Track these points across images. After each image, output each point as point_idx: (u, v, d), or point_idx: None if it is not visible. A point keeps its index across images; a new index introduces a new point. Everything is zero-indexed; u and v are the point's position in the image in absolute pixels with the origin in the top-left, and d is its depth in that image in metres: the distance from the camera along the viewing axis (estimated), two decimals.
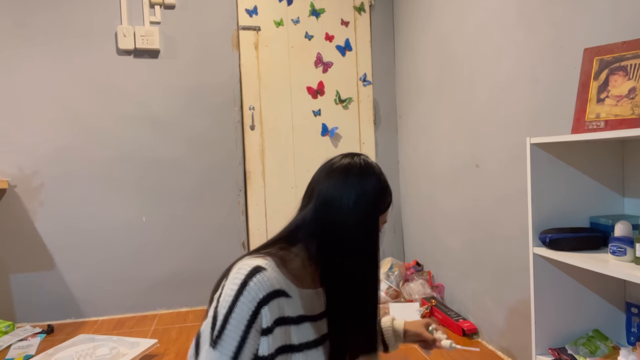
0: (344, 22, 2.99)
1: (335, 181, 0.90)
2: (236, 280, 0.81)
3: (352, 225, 0.89)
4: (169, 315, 2.65)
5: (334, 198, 0.89)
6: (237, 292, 0.80)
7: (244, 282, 0.81)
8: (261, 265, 0.83)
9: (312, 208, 0.91)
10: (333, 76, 2.98)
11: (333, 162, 0.95)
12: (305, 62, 2.94)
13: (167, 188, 2.74)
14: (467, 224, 2.27)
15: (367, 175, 0.92)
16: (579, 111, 1.28)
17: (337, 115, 3.00)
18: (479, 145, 2.12)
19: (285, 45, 2.89)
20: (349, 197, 0.89)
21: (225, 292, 0.81)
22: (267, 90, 2.86)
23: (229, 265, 0.89)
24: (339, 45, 2.99)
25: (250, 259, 0.86)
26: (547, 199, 1.35)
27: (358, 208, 0.89)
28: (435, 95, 2.54)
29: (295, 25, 2.90)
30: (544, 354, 1.36)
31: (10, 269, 2.54)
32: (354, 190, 0.89)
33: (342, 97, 3.00)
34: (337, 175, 0.91)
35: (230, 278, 0.83)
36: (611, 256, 1.17)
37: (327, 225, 0.89)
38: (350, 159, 0.95)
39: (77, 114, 2.60)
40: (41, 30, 2.55)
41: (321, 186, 0.92)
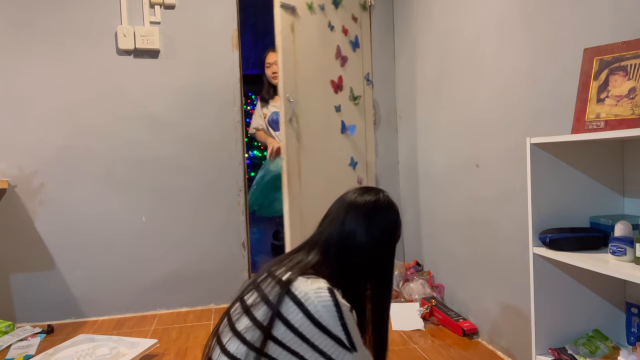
0: (354, 17, 2.85)
1: (362, 217, 1.02)
2: (327, 303, 0.89)
3: (374, 257, 1.02)
4: (169, 315, 2.65)
5: (360, 233, 1.01)
6: (339, 312, 0.89)
7: (335, 301, 0.90)
8: (329, 285, 0.93)
9: (338, 236, 1.02)
10: (348, 72, 2.80)
11: (356, 197, 1.05)
12: (329, 53, 2.69)
13: (167, 188, 2.73)
14: (467, 224, 2.27)
15: (390, 213, 1.06)
16: (579, 111, 1.28)
17: (351, 113, 2.83)
18: (479, 145, 2.12)
19: (316, 32, 2.60)
20: (374, 232, 1.01)
21: (325, 318, 0.89)
22: (302, 80, 2.52)
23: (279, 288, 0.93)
24: (352, 41, 2.83)
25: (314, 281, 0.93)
26: (547, 199, 1.35)
27: (381, 242, 1.02)
28: (435, 95, 2.54)
29: (322, 12, 2.66)
30: (544, 354, 1.36)
31: (10, 269, 2.54)
32: (378, 227, 1.02)
33: (355, 94, 2.84)
34: (363, 212, 1.02)
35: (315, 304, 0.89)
36: (611, 256, 1.17)
37: (351, 257, 1.01)
38: (375, 196, 1.06)
39: (77, 114, 2.60)
40: (41, 30, 2.55)
41: (347, 221, 1.02)
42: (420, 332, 2.25)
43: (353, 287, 1.01)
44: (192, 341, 2.25)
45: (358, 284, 1.02)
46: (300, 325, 0.88)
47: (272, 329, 0.89)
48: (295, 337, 0.89)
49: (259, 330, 0.90)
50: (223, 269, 2.80)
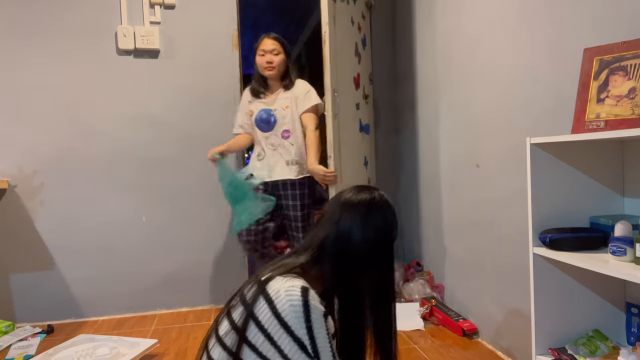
0: (363, 15, 2.83)
1: (358, 216, 0.98)
2: (296, 304, 0.84)
3: (371, 257, 0.98)
4: (169, 315, 2.65)
5: (356, 232, 0.97)
6: (306, 314, 0.84)
7: (305, 302, 0.85)
8: (305, 286, 0.88)
9: (333, 236, 0.98)
10: (362, 70, 2.75)
11: (351, 196, 1.02)
12: (352, 49, 2.61)
13: (167, 188, 2.73)
14: (467, 223, 2.27)
15: (386, 211, 1.02)
16: (579, 111, 1.28)
17: (364, 112, 2.77)
18: (479, 145, 2.12)
19: (346, 26, 2.52)
20: (369, 231, 0.98)
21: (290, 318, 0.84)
22: (341, 75, 2.45)
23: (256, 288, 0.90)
24: (363, 39, 2.80)
25: (290, 280, 0.89)
26: (547, 199, 1.35)
27: (377, 241, 0.98)
28: (435, 95, 2.54)
29: (348, 6, 2.58)
30: (544, 354, 1.36)
31: (10, 269, 2.54)
32: (374, 225, 0.98)
33: (366, 93, 2.80)
34: (358, 210, 0.99)
35: (283, 302, 0.85)
36: (611, 256, 1.17)
37: (347, 258, 0.97)
38: (369, 194, 1.02)
39: (77, 114, 2.60)
40: (41, 30, 2.55)
41: (342, 220, 0.99)
42: (420, 332, 2.25)
43: (349, 290, 0.97)
44: (192, 341, 2.25)
45: (355, 286, 0.98)
46: (269, 325, 0.84)
47: (246, 330, 0.86)
48: (265, 340, 0.84)
49: (235, 332, 0.87)
50: (223, 269, 2.80)
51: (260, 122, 2.36)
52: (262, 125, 2.36)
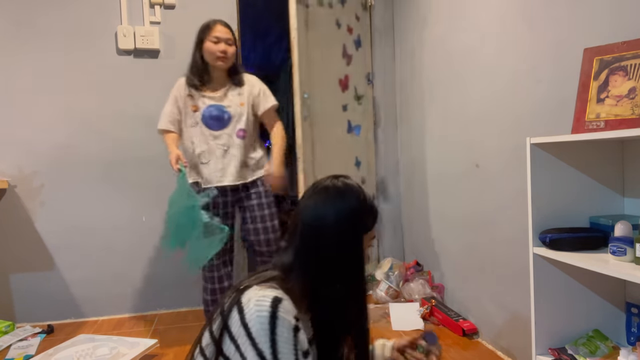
0: (357, 16, 2.89)
1: (316, 203, 0.91)
2: (263, 313, 0.79)
3: (335, 246, 0.89)
4: (169, 315, 2.65)
5: (316, 220, 0.90)
6: (272, 326, 0.78)
7: (273, 314, 0.79)
8: (277, 296, 0.82)
9: (299, 233, 0.92)
10: (353, 71, 2.80)
11: (315, 186, 0.95)
12: (337, 51, 2.69)
13: (167, 188, 2.72)
14: (467, 223, 2.27)
15: (346, 195, 0.92)
16: (579, 111, 1.28)
17: (356, 112, 2.85)
18: (479, 145, 2.12)
19: (326, 29, 2.60)
20: (330, 217, 0.89)
21: (256, 330, 0.79)
22: (314, 78, 2.53)
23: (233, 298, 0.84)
24: (355, 40, 2.85)
25: (262, 289, 0.83)
26: (547, 199, 1.35)
27: (339, 229, 0.89)
28: (436, 95, 2.54)
29: (331, 9, 2.68)
30: (544, 354, 1.36)
31: (10, 269, 2.54)
32: (334, 211, 0.90)
33: (358, 94, 2.85)
34: (317, 197, 0.92)
35: (249, 312, 0.80)
36: (611, 256, 1.17)
37: (312, 248, 0.90)
38: (330, 180, 0.94)
39: (78, 114, 2.60)
40: (41, 30, 2.55)
41: (304, 210, 0.92)
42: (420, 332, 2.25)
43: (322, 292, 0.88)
44: (191, 341, 2.24)
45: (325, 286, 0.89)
46: (238, 336, 0.80)
47: (222, 342, 0.82)
48: (235, 351, 0.80)
49: (213, 344, 0.83)
50: None
51: (210, 119, 2.10)
52: (211, 123, 2.10)
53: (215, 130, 2.11)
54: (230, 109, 2.11)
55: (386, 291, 2.65)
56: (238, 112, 2.12)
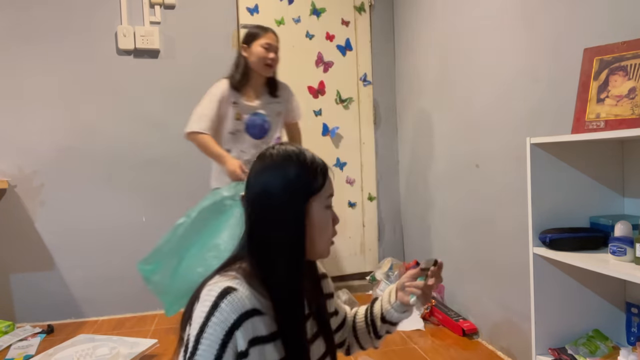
0: (344, 21, 2.99)
1: (254, 176, 0.86)
2: (207, 303, 0.76)
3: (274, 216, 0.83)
4: None
5: (257, 190, 0.85)
6: (209, 314, 0.75)
7: (215, 304, 0.75)
8: (231, 286, 0.78)
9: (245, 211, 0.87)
10: (334, 76, 2.97)
11: (257, 158, 0.90)
12: (306, 61, 2.92)
13: (167, 188, 2.73)
14: (467, 223, 2.27)
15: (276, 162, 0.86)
16: (579, 111, 1.28)
17: (338, 115, 2.99)
18: (479, 145, 2.12)
19: (286, 45, 2.81)
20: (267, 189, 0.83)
21: (197, 314, 0.77)
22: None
23: (198, 287, 0.83)
24: (340, 45, 2.98)
25: (219, 280, 0.80)
26: (547, 199, 1.35)
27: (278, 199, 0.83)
28: (436, 95, 2.54)
29: (296, 25, 2.89)
30: (544, 354, 1.36)
31: (10, 269, 2.54)
32: (272, 178, 0.84)
33: (342, 97, 2.99)
34: (254, 170, 0.87)
35: (201, 301, 0.78)
36: (611, 256, 1.17)
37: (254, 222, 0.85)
38: (267, 150, 0.89)
39: (77, 114, 2.60)
40: (41, 30, 2.55)
41: (249, 182, 0.87)
42: (420, 332, 2.25)
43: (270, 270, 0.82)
44: None
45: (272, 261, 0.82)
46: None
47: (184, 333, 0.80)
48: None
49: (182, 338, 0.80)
50: None
51: (253, 128, 2.11)
52: (254, 132, 2.11)
53: (257, 139, 2.13)
54: (270, 117, 2.15)
55: None
56: (275, 121, 2.18)
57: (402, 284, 1.03)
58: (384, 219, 3.09)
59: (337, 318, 1.06)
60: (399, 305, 1.03)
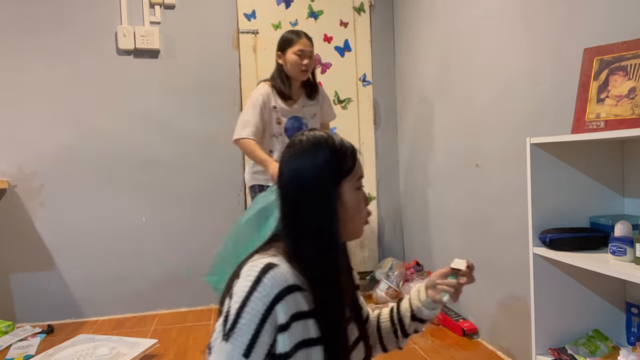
0: (342, 23, 2.99)
1: (285, 162, 0.89)
2: (249, 277, 0.78)
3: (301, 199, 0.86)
4: (169, 315, 2.65)
5: (288, 176, 0.88)
6: (251, 288, 0.77)
7: (258, 279, 0.78)
8: (273, 262, 0.80)
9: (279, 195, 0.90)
10: (332, 77, 2.97)
11: (287, 145, 0.92)
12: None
13: (167, 188, 2.73)
14: (467, 223, 2.27)
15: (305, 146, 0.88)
16: (579, 111, 1.28)
17: (337, 116, 2.96)
18: (479, 145, 2.12)
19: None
20: (298, 173, 0.86)
21: (239, 288, 0.78)
22: None
23: (237, 267, 0.86)
24: (338, 47, 2.99)
25: (260, 258, 0.83)
26: (547, 199, 1.35)
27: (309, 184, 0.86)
28: (435, 95, 2.54)
29: (294, 28, 2.89)
30: (544, 354, 1.36)
31: (10, 269, 2.54)
32: (301, 166, 0.86)
33: (340, 98, 2.99)
34: (285, 156, 0.90)
35: (243, 276, 0.80)
36: (611, 256, 1.17)
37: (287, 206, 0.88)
38: (297, 136, 0.91)
39: (77, 114, 2.60)
40: (41, 30, 2.55)
41: (279, 172, 0.90)
42: None
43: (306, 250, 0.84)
44: (192, 341, 2.24)
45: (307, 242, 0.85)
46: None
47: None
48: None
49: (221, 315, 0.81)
50: None
51: (292, 131, 2.16)
52: (292, 134, 2.07)
53: None
54: (306, 120, 2.21)
55: (386, 291, 2.65)
56: (312, 124, 2.23)
57: (432, 282, 1.05)
58: (384, 219, 3.09)
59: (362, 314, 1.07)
60: (430, 302, 1.05)
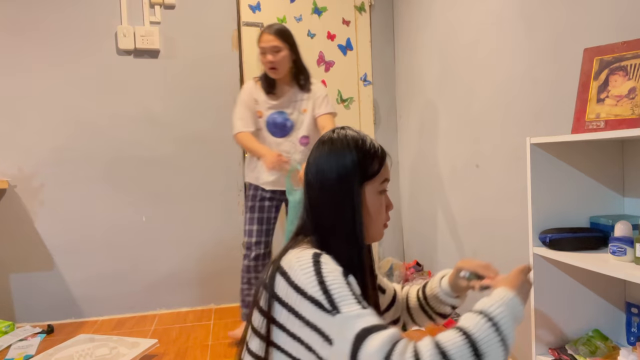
0: (345, 21, 2.98)
1: (315, 158, 0.90)
2: (306, 266, 0.78)
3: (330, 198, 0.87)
4: (169, 315, 2.65)
5: (317, 174, 0.88)
6: (317, 270, 0.77)
7: (316, 262, 0.78)
8: (316, 252, 0.81)
9: (305, 191, 0.90)
10: (335, 75, 2.96)
11: (318, 140, 0.93)
12: (308, 60, 2.82)
13: (167, 188, 2.73)
14: (467, 223, 2.27)
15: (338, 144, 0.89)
16: (579, 111, 1.28)
17: (339, 115, 2.96)
18: (479, 145, 2.12)
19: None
20: (323, 169, 0.87)
21: (301, 279, 0.77)
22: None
23: (272, 268, 0.84)
24: (341, 45, 2.98)
25: (299, 251, 0.83)
26: (547, 199, 1.35)
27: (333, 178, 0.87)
28: (436, 95, 2.54)
29: (298, 23, 2.89)
30: (544, 354, 1.36)
31: (10, 269, 2.54)
32: (326, 162, 0.88)
33: (343, 97, 2.99)
34: (316, 152, 0.91)
35: (295, 269, 0.78)
36: (611, 256, 1.17)
37: (315, 203, 0.89)
38: (329, 133, 0.92)
39: (77, 114, 2.60)
40: (41, 30, 2.55)
41: (307, 166, 0.91)
42: (420, 331, 2.25)
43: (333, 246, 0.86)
44: (192, 341, 2.25)
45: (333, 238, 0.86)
46: (288, 298, 0.78)
47: (271, 311, 0.81)
48: (289, 314, 0.78)
49: (264, 317, 0.82)
50: (223, 268, 2.80)
51: (273, 127, 2.11)
52: (275, 131, 2.12)
53: (277, 137, 2.12)
54: (292, 116, 2.10)
55: None
56: (300, 120, 2.11)
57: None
58: None
59: (386, 297, 1.08)
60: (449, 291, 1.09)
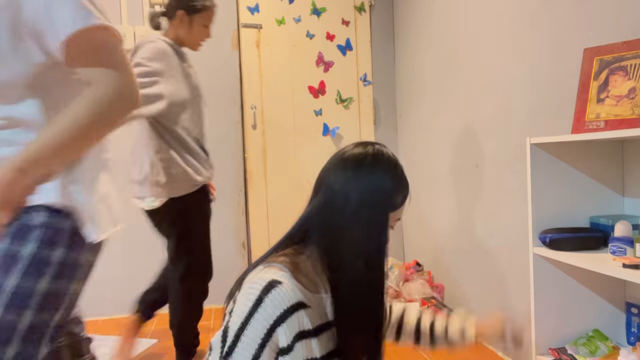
0: (344, 21, 2.99)
1: (343, 173, 0.81)
2: (250, 297, 0.74)
3: (357, 221, 0.79)
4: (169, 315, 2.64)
5: (340, 191, 0.80)
6: (251, 309, 0.73)
7: (259, 299, 0.73)
8: (276, 279, 0.75)
9: (319, 202, 0.83)
10: (334, 76, 2.97)
11: (344, 152, 0.84)
12: (307, 61, 2.92)
13: None
14: (467, 223, 2.27)
15: (378, 167, 0.82)
16: (579, 111, 1.28)
17: (338, 115, 2.99)
18: (478, 145, 2.12)
19: (287, 44, 2.87)
20: (356, 190, 0.79)
21: (239, 308, 0.74)
22: (269, 90, 2.84)
23: (241, 275, 0.83)
24: (340, 45, 2.99)
25: (265, 271, 0.78)
26: (547, 199, 1.35)
27: (364, 203, 0.80)
28: (435, 95, 2.54)
29: (297, 24, 2.89)
30: (544, 354, 1.36)
31: None
32: (361, 184, 0.80)
33: (342, 97, 2.99)
34: (345, 166, 0.82)
35: (244, 292, 0.75)
36: (611, 256, 1.17)
37: (332, 222, 0.81)
38: (363, 148, 0.83)
39: None
40: None
41: (329, 178, 0.83)
42: None
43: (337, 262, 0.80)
44: None
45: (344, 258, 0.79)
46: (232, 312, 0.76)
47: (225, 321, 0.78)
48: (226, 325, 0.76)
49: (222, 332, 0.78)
50: (223, 269, 2.79)
51: None
52: None
53: None
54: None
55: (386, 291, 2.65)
56: None
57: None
58: None
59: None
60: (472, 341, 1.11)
